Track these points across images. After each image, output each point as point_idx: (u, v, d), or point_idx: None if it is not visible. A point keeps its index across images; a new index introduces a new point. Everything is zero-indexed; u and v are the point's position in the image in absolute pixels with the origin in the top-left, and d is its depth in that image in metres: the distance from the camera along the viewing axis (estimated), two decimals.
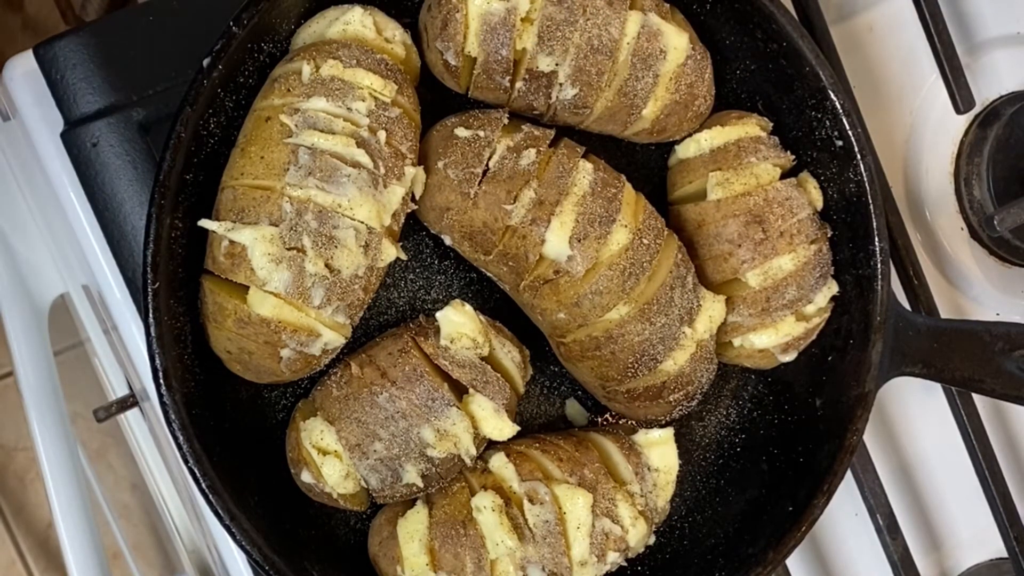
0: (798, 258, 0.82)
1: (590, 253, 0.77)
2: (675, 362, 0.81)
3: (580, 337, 0.80)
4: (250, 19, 0.73)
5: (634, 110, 0.81)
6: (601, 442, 0.84)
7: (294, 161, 0.71)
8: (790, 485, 0.87)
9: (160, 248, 0.72)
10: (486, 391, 0.78)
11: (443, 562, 0.77)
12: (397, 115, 0.75)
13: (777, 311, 0.83)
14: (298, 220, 0.71)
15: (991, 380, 0.84)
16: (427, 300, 0.86)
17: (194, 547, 1.15)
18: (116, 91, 0.82)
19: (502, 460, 0.80)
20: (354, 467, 0.77)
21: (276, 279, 0.71)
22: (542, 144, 0.79)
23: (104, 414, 1.07)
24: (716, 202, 0.82)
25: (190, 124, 0.73)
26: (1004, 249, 1.04)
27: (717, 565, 0.87)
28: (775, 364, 0.86)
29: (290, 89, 0.73)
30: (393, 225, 0.76)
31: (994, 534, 0.99)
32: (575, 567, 0.78)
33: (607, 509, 0.79)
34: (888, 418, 1.03)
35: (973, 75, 1.00)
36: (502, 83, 0.79)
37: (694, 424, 0.92)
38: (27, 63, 0.82)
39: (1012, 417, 1.07)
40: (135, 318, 0.84)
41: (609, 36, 0.78)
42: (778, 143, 0.85)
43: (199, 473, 0.73)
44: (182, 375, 0.74)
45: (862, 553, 1.01)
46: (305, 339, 0.73)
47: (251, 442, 0.81)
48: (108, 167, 0.82)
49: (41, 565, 1.80)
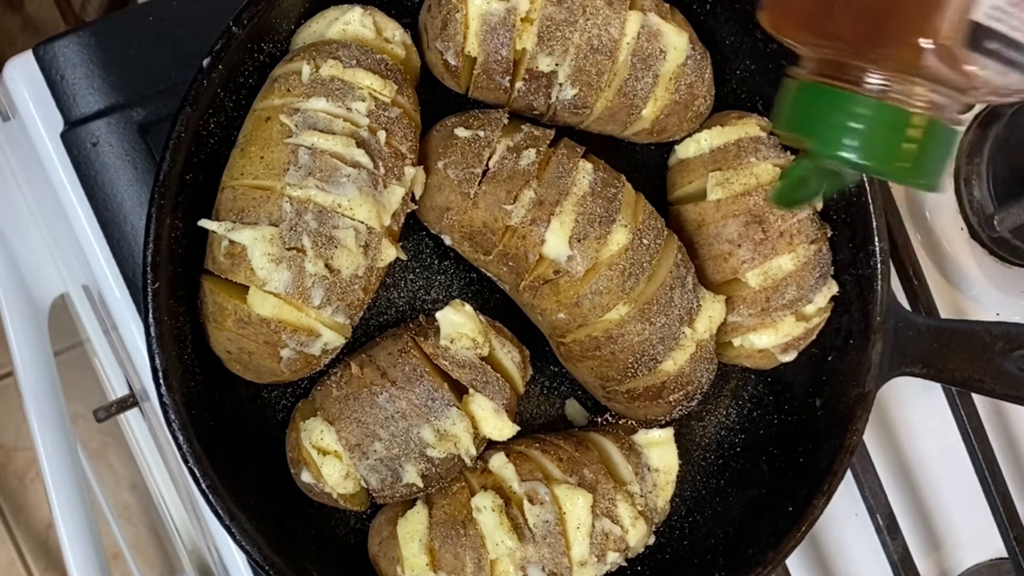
0: (798, 258, 0.82)
1: (590, 253, 0.77)
2: (675, 362, 0.81)
3: (580, 337, 0.80)
4: (250, 19, 0.73)
5: (634, 110, 0.81)
6: (601, 442, 0.84)
7: (294, 161, 0.71)
8: (790, 485, 0.87)
9: (160, 248, 0.72)
10: (486, 391, 0.78)
11: (443, 562, 0.77)
12: (397, 115, 0.75)
13: (777, 311, 0.83)
14: (298, 220, 0.71)
15: (991, 380, 0.84)
16: (427, 300, 0.86)
17: (194, 547, 1.15)
18: (116, 91, 0.82)
19: (502, 460, 0.80)
20: (354, 467, 0.77)
21: (276, 279, 0.71)
22: (542, 144, 0.79)
23: (104, 414, 1.07)
24: (716, 202, 0.82)
25: (190, 124, 0.73)
26: (1004, 249, 1.04)
27: (717, 565, 0.87)
28: (775, 364, 0.86)
29: (290, 89, 0.73)
30: (393, 225, 0.76)
31: (994, 534, 0.99)
32: (575, 567, 0.78)
33: (607, 509, 0.79)
34: (888, 418, 1.03)
35: None
36: (502, 83, 0.79)
37: (694, 424, 0.92)
38: (27, 63, 0.82)
39: (1012, 417, 1.07)
40: (135, 318, 0.84)
41: (609, 36, 0.78)
42: (778, 143, 0.85)
43: (199, 473, 0.73)
44: (182, 375, 0.74)
45: (862, 553, 1.01)
46: (305, 339, 0.73)
47: (251, 442, 0.81)
48: (108, 167, 0.82)
49: (41, 565, 1.80)
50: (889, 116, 0.57)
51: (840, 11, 0.56)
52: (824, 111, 0.58)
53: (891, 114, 0.56)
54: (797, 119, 0.61)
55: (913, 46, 0.53)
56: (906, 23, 0.53)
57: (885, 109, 0.56)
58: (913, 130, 0.57)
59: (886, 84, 0.56)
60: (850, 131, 0.57)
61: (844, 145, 0.57)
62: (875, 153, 0.57)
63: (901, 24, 0.54)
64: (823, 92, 0.58)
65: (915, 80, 0.55)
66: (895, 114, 0.57)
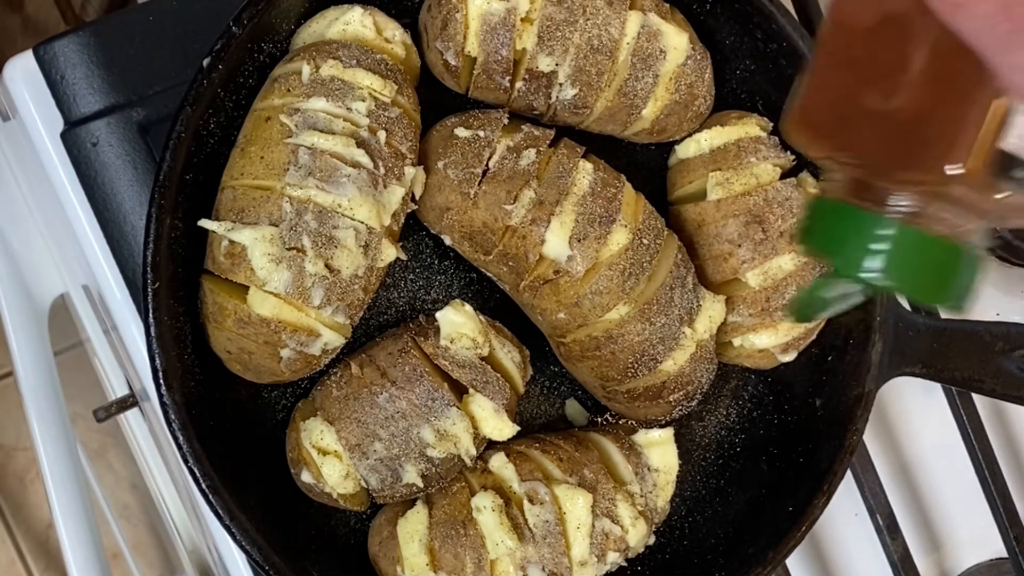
0: (798, 258, 0.82)
1: (590, 253, 0.77)
2: (675, 362, 0.81)
3: (580, 337, 0.80)
4: (250, 19, 0.73)
5: (634, 110, 0.81)
6: (601, 442, 0.84)
7: (294, 161, 0.72)
8: (790, 485, 0.87)
9: (160, 248, 0.72)
10: (486, 391, 0.78)
11: (443, 562, 0.77)
12: (397, 115, 0.75)
13: (777, 311, 0.83)
14: (298, 220, 0.71)
15: (991, 380, 0.84)
16: (427, 300, 0.86)
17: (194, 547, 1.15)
18: (116, 91, 0.82)
19: (502, 460, 0.80)
20: (354, 467, 0.77)
21: (276, 279, 0.71)
22: (542, 144, 0.79)
23: (104, 414, 1.07)
24: (716, 202, 0.82)
25: (190, 124, 0.73)
26: (1004, 249, 1.04)
27: (717, 565, 0.87)
28: (775, 364, 0.86)
29: (290, 89, 0.73)
30: (393, 225, 0.76)
31: (994, 534, 0.99)
32: (575, 567, 0.78)
33: (607, 509, 0.79)
34: (888, 418, 1.03)
35: None
36: (502, 83, 0.79)
37: (694, 424, 0.92)
38: (27, 63, 0.82)
39: (1012, 417, 1.07)
40: (135, 318, 0.84)
41: (609, 36, 0.78)
42: (778, 143, 0.85)
43: (199, 473, 0.73)
44: (182, 375, 0.74)
45: (862, 553, 1.01)
46: (305, 339, 0.73)
47: (251, 442, 0.81)
48: (108, 167, 0.82)
49: (41, 565, 1.80)
50: (913, 240, 0.55)
51: (867, 130, 0.55)
52: (847, 231, 0.57)
53: (915, 238, 0.55)
54: (820, 238, 0.59)
55: (940, 172, 0.51)
56: (934, 148, 0.52)
57: (909, 232, 0.55)
58: (938, 253, 0.55)
59: (912, 207, 0.54)
60: (873, 253, 0.56)
61: (867, 267, 0.56)
62: (898, 276, 0.56)
63: (928, 149, 0.52)
64: (847, 212, 0.57)
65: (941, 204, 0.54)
66: (920, 238, 0.55)
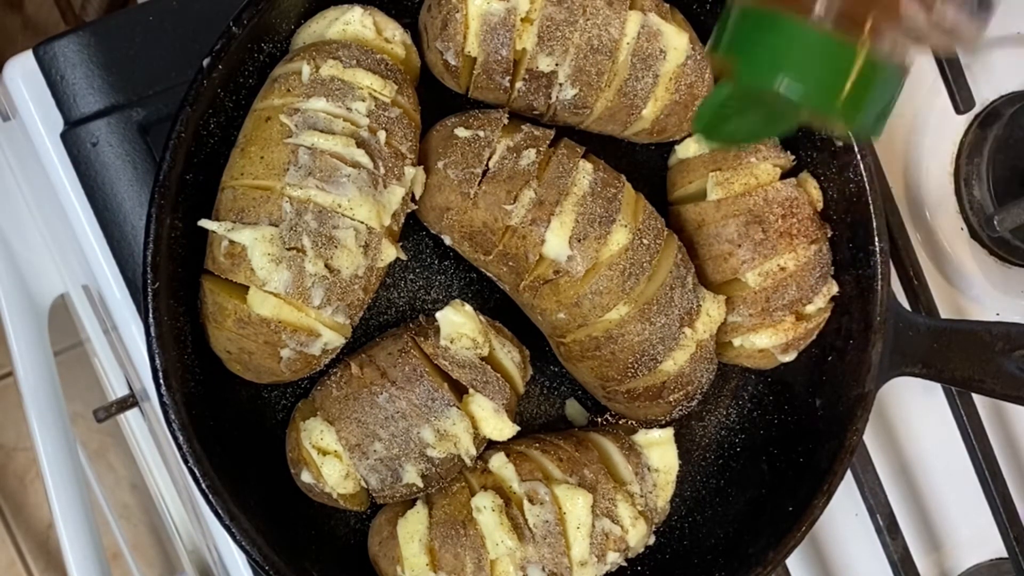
0: (798, 258, 0.82)
1: (590, 253, 0.77)
2: (675, 362, 0.81)
3: (580, 337, 0.80)
4: (250, 19, 0.73)
5: (634, 110, 0.81)
6: (601, 442, 0.84)
7: (294, 161, 0.72)
8: (790, 485, 0.87)
9: (160, 248, 0.72)
10: (486, 391, 0.78)
11: (443, 562, 0.77)
12: (397, 115, 0.75)
13: (777, 311, 0.83)
14: (298, 220, 0.71)
15: (991, 380, 0.84)
16: (427, 300, 0.86)
17: (194, 547, 1.15)
18: (116, 91, 0.82)
19: (502, 460, 0.80)
20: (354, 467, 0.77)
21: (276, 279, 0.71)
22: (542, 144, 0.79)
23: (104, 414, 1.07)
24: (716, 202, 0.82)
25: (190, 124, 0.73)
26: (1004, 249, 1.04)
27: (717, 565, 0.87)
28: (775, 364, 0.86)
29: (290, 89, 0.73)
30: (393, 225, 0.76)
31: (994, 534, 0.99)
32: (575, 567, 0.78)
33: (607, 509, 0.79)
34: (888, 418, 1.03)
35: (973, 75, 1.00)
36: (502, 83, 0.79)
37: (694, 424, 0.92)
38: (27, 63, 0.82)
39: (1012, 417, 1.07)
40: (135, 318, 0.84)
41: (609, 36, 0.78)
42: (778, 143, 0.85)
43: (199, 473, 0.73)
44: (182, 375, 0.74)
45: (862, 553, 1.01)
46: (305, 339, 0.73)
47: (251, 442, 0.81)
48: (108, 167, 0.82)
49: (41, 565, 1.80)
50: (833, 49, 0.50)
51: None
52: (762, 35, 0.52)
53: (835, 47, 0.50)
54: (732, 41, 0.54)
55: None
56: None
57: (829, 41, 0.50)
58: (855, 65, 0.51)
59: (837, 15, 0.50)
60: (786, 58, 0.51)
61: (777, 71, 0.51)
62: (810, 85, 0.51)
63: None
64: (765, 16, 0.52)
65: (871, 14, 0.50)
66: (840, 48, 0.50)
